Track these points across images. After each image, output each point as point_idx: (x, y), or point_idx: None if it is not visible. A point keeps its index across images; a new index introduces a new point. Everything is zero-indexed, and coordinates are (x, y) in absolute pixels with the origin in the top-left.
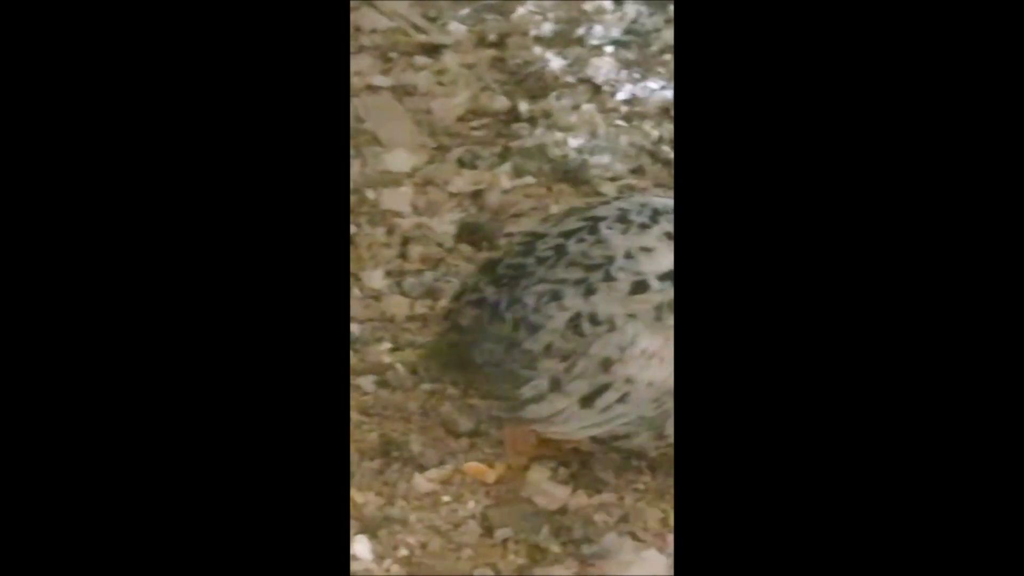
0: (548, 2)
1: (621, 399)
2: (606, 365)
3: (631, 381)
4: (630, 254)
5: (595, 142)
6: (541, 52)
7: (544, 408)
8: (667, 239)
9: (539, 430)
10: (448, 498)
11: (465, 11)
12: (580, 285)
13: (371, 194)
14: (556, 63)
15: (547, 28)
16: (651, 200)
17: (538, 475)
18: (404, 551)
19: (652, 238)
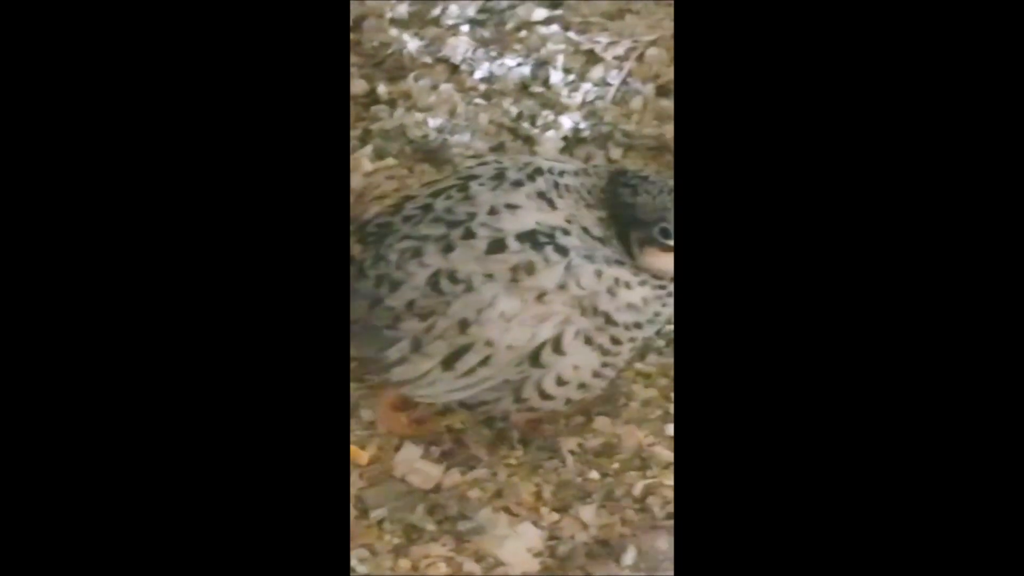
0: None
1: (483, 362)
2: (463, 326)
3: (491, 344)
4: (494, 210)
5: (455, 121)
6: (397, 34)
7: (408, 370)
8: (537, 198)
9: (407, 394)
10: None
11: None
12: (441, 241)
13: None
14: (413, 44)
15: (402, 9)
16: (536, 159)
17: (411, 454)
18: None
19: (521, 195)
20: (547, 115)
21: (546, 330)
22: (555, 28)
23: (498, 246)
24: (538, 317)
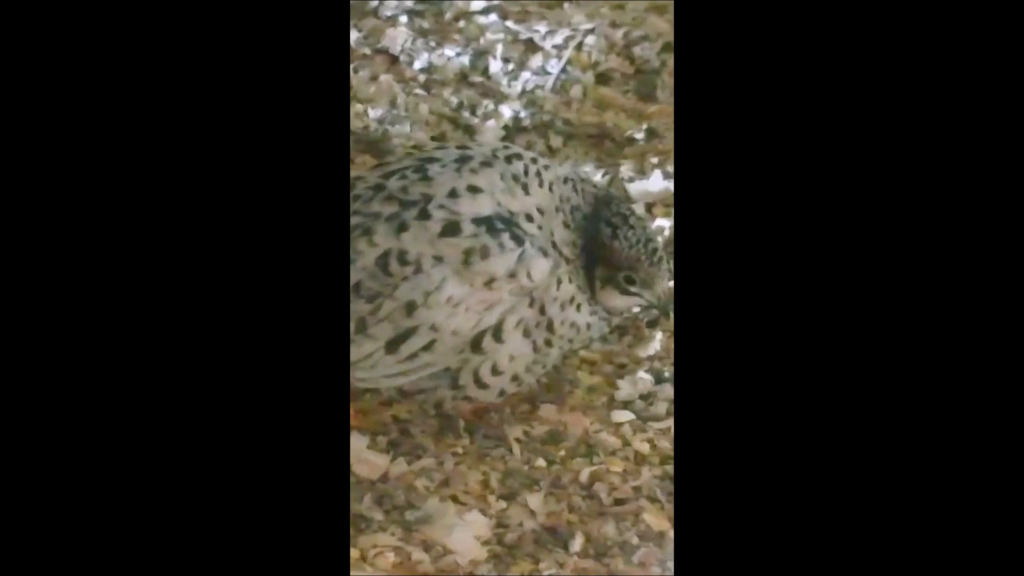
0: None
1: (427, 347)
2: (410, 309)
3: (436, 328)
4: (455, 193)
5: (395, 112)
6: None
7: (352, 351)
8: (500, 180)
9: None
10: None
11: None
12: (393, 221)
13: None
14: (352, 35)
15: None
16: (515, 147)
17: (357, 444)
18: None
19: (483, 179)
20: (487, 104)
21: (490, 317)
22: (493, 18)
23: (452, 229)
24: (484, 303)
